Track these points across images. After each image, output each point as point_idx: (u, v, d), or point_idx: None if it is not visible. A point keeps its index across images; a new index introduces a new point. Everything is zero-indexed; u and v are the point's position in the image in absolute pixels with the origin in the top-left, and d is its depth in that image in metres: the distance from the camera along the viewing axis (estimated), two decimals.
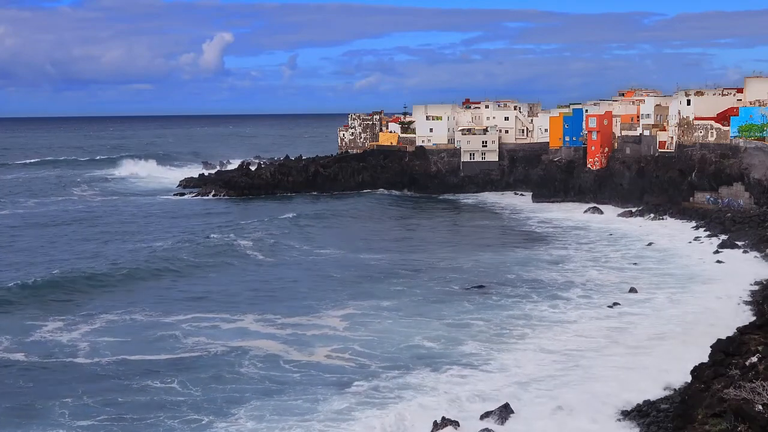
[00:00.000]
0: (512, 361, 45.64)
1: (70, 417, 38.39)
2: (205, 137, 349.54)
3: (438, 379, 42.96)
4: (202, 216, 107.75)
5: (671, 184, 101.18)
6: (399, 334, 51.40)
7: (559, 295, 61.15)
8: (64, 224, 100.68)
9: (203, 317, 55.58)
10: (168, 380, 43.19)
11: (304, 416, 38.33)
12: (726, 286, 61.07)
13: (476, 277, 67.97)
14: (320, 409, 39.20)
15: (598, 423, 36.36)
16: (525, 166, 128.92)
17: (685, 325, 51.68)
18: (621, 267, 71.50)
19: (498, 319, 54.41)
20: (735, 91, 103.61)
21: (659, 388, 39.69)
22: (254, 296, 62.31)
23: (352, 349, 48.49)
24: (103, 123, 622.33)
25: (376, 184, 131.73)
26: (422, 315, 56.05)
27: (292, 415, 38.53)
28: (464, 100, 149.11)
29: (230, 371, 44.72)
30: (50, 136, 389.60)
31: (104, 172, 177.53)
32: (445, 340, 49.83)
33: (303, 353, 47.88)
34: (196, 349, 48.77)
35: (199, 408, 39.55)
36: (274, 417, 38.28)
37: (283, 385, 42.69)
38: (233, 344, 49.40)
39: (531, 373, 43.48)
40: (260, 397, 40.92)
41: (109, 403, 40.23)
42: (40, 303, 58.94)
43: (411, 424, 36.84)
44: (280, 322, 54.47)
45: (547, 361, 45.48)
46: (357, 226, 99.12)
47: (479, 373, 43.77)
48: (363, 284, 65.74)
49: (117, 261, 73.23)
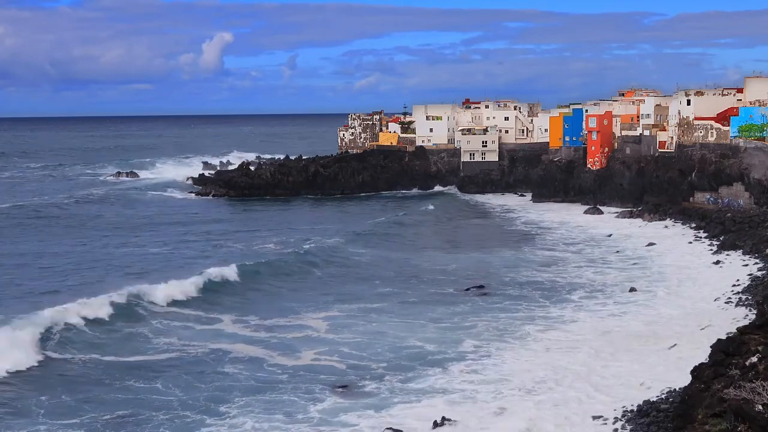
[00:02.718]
0: (512, 361, 45.59)
1: (47, 416, 38.02)
2: (204, 137, 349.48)
3: (438, 379, 42.92)
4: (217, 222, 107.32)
5: (671, 184, 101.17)
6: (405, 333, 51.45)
7: (559, 295, 61.15)
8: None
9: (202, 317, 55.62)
10: (151, 380, 42.97)
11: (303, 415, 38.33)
12: (726, 286, 61.04)
13: (476, 278, 67.96)
14: (320, 408, 39.20)
15: (598, 422, 36.33)
16: (525, 166, 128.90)
17: (685, 325, 51.65)
18: (621, 267, 71.48)
19: (497, 320, 54.37)
20: (735, 91, 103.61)
21: (659, 388, 39.67)
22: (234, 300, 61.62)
23: (340, 351, 48.14)
24: (104, 123, 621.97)
25: (377, 184, 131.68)
26: (423, 316, 56.04)
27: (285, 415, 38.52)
28: (464, 100, 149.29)
29: (225, 372, 44.60)
30: (80, 137, 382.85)
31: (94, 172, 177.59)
32: (445, 340, 49.77)
33: (289, 357, 47.41)
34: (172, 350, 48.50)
35: (187, 406, 39.38)
36: (264, 417, 38.24)
37: (271, 384, 42.65)
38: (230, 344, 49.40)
39: (531, 373, 43.41)
40: (248, 394, 41.02)
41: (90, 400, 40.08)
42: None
43: (411, 423, 36.81)
44: (257, 324, 54.20)
45: (547, 361, 45.41)
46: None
47: (479, 373, 43.70)
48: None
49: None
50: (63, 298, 55.62)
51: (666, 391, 39.06)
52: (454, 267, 72.27)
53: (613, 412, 37.22)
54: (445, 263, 74.06)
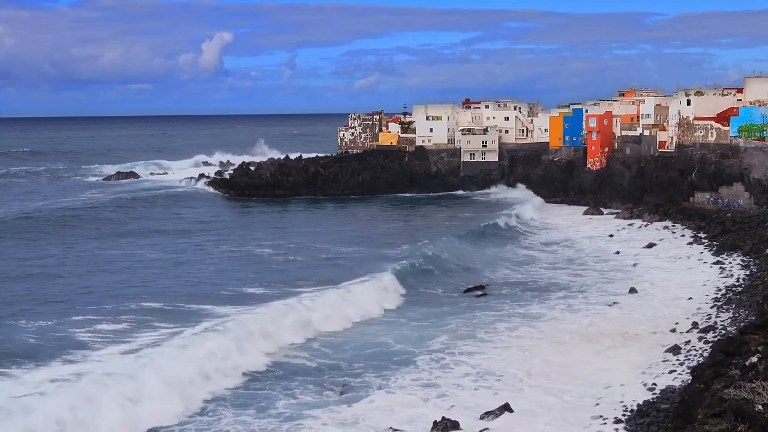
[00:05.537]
0: (512, 361, 45.56)
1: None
2: (206, 136, 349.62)
3: (438, 379, 42.93)
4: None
5: (671, 184, 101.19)
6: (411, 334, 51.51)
7: (559, 295, 61.16)
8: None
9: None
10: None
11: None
12: (726, 286, 61.08)
13: (476, 278, 68.00)
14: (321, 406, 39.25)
15: (598, 422, 36.34)
16: (525, 166, 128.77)
17: (685, 325, 51.63)
18: (621, 267, 71.49)
19: (498, 318, 54.39)
20: (735, 91, 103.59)
21: (659, 389, 39.68)
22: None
23: (320, 351, 48.33)
24: (104, 123, 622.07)
25: (376, 184, 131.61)
26: (423, 317, 56.13)
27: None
28: (464, 100, 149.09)
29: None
30: (78, 137, 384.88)
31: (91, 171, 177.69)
32: (445, 340, 49.79)
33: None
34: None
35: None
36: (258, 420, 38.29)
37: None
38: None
39: (531, 373, 43.44)
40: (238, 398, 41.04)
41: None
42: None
43: (411, 423, 36.81)
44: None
45: (548, 361, 45.42)
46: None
47: (479, 373, 43.71)
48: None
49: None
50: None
51: (666, 391, 39.08)
52: (459, 265, 72.34)
53: (613, 412, 37.21)
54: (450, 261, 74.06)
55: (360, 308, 56.55)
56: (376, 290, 60.47)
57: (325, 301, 56.13)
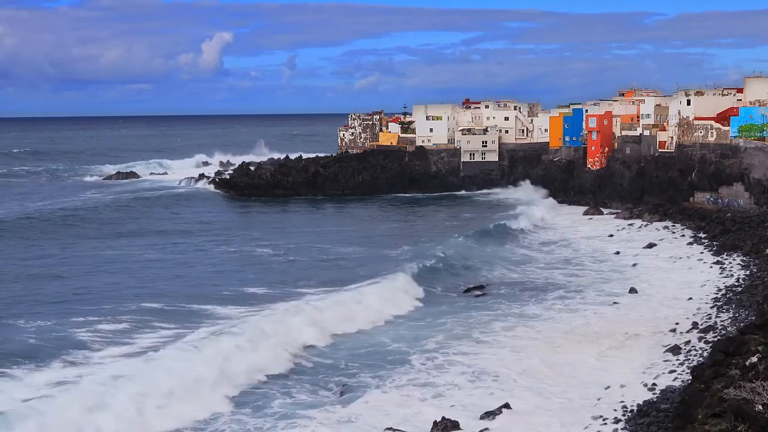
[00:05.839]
0: (512, 361, 45.53)
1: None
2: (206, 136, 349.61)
3: (438, 379, 42.89)
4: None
5: (671, 184, 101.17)
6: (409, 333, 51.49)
7: (559, 295, 61.13)
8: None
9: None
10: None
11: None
12: (726, 286, 61.07)
13: (475, 278, 67.99)
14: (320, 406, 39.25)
15: (598, 422, 36.34)
16: (525, 166, 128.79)
17: (685, 325, 51.61)
18: (621, 267, 71.45)
19: (497, 318, 54.36)
20: (735, 91, 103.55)
21: (659, 389, 39.68)
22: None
23: (317, 350, 48.32)
24: (105, 122, 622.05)
25: (376, 184, 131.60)
26: (423, 317, 56.07)
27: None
28: (464, 100, 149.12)
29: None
30: (77, 137, 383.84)
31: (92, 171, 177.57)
32: (445, 340, 49.79)
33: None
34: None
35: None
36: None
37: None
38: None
39: (531, 373, 43.42)
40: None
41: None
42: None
43: (410, 423, 36.81)
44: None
45: (548, 360, 45.40)
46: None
47: (479, 373, 43.67)
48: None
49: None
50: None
51: (666, 391, 39.08)
52: (458, 264, 72.28)
53: (613, 412, 37.21)
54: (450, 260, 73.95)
55: (371, 311, 55.72)
56: (389, 291, 59.74)
57: (334, 301, 55.90)
